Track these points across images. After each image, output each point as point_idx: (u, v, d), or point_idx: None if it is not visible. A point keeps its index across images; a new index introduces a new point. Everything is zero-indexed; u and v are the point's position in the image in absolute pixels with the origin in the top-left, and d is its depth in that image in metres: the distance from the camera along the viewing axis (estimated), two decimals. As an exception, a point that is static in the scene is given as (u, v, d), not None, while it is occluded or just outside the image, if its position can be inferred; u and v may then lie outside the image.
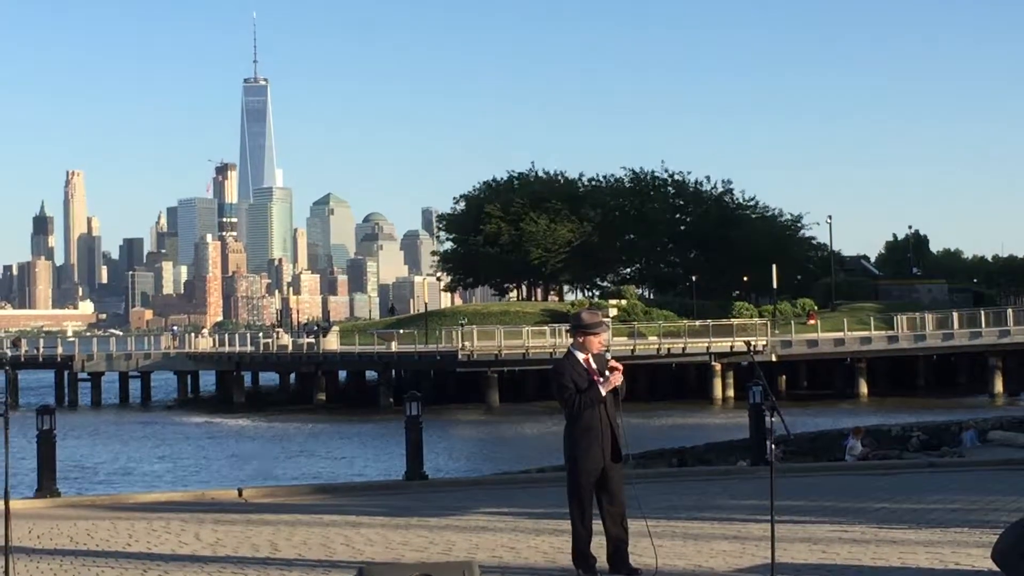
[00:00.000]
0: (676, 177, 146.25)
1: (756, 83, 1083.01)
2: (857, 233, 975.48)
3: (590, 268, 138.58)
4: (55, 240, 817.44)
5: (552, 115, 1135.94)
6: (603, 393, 11.17)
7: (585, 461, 11.20)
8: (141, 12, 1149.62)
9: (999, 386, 75.26)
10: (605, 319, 11.80)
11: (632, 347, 77.39)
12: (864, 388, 77.57)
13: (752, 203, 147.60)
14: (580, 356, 11.39)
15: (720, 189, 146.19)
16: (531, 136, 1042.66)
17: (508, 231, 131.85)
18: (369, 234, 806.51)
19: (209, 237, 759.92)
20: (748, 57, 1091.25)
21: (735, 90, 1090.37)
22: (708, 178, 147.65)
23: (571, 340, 11.72)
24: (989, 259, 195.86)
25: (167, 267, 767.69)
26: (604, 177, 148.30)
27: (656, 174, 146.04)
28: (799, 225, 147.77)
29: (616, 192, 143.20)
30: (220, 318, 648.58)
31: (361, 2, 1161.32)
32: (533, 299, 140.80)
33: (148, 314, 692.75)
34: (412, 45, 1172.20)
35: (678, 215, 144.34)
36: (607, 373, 11.31)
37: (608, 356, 11.53)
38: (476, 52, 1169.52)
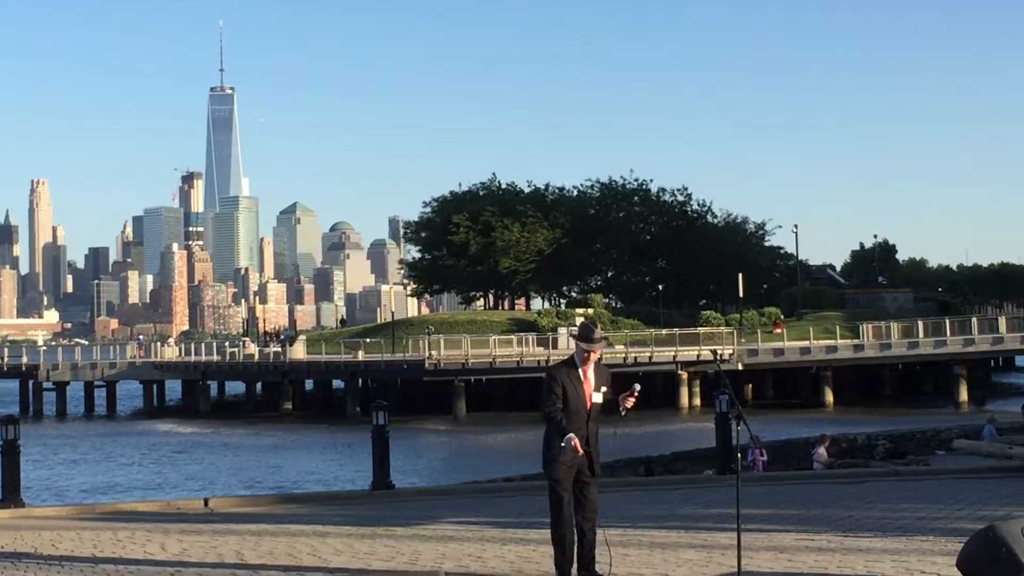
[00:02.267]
0: (643, 186, 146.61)
1: (721, 95, 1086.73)
2: (823, 242, 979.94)
3: (559, 277, 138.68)
4: (20, 249, 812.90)
5: (517, 126, 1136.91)
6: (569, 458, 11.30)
7: (564, 456, 11.22)
8: (106, 20, 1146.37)
9: (964, 395, 75.59)
10: (603, 336, 11.89)
11: (599, 356, 77.41)
12: (830, 397, 77.71)
13: (707, 209, 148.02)
14: (580, 365, 11.48)
15: (680, 198, 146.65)
16: (497, 146, 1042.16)
17: (477, 241, 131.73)
18: (336, 243, 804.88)
19: (175, 246, 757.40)
20: (713, 69, 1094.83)
21: (700, 102, 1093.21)
22: (665, 189, 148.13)
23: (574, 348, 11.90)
24: (954, 268, 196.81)
25: (133, 276, 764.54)
26: (571, 188, 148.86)
27: (623, 184, 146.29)
28: (763, 231, 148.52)
29: (583, 202, 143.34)
30: (186, 327, 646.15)
31: (327, 12, 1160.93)
32: (500, 308, 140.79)
33: (114, 323, 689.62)
34: (378, 54, 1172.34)
35: (642, 224, 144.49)
36: (603, 388, 11.44)
37: (606, 379, 11.67)
38: (441, 62, 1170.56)
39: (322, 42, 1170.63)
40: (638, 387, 11.55)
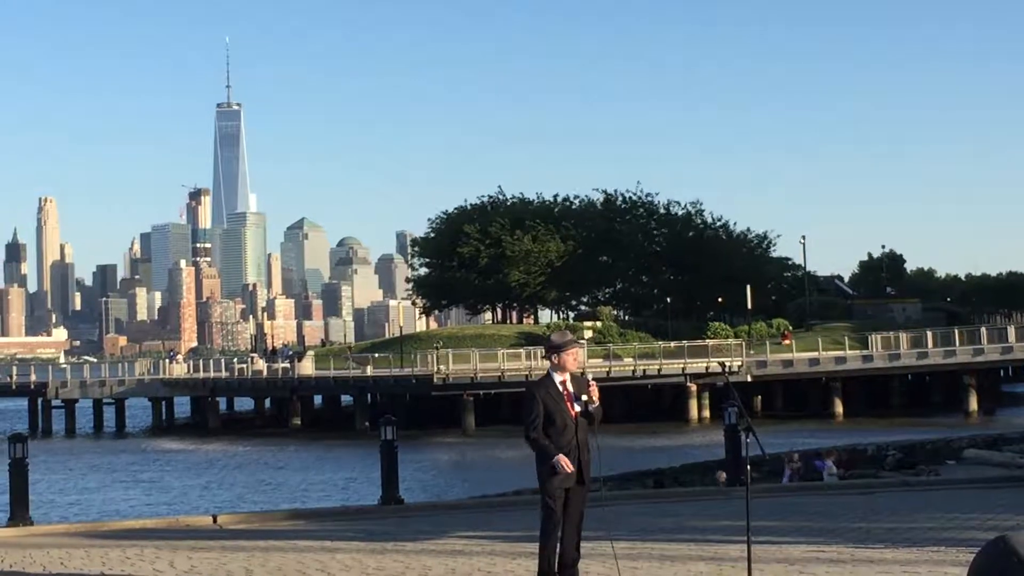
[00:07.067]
0: (647, 199, 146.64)
1: (728, 108, 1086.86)
2: (831, 253, 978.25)
3: (567, 289, 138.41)
4: (28, 267, 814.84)
5: (525, 140, 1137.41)
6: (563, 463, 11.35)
7: (554, 479, 11.29)
8: (113, 37, 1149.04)
9: (973, 404, 75.46)
10: (576, 338, 11.89)
11: (608, 369, 77.39)
12: (839, 407, 77.63)
13: (721, 223, 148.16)
14: (557, 378, 11.52)
15: (690, 211, 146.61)
16: (503, 161, 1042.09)
17: (487, 253, 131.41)
18: (343, 258, 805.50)
19: (183, 263, 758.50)
20: (720, 83, 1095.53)
21: (706, 116, 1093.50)
22: (679, 202, 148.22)
23: (548, 363, 11.83)
24: (962, 278, 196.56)
25: (141, 293, 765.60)
26: (577, 198, 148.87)
27: (629, 196, 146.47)
28: (768, 243, 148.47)
29: (590, 214, 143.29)
30: (195, 344, 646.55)
31: (333, 27, 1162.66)
32: (508, 321, 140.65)
33: (122, 340, 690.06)
34: (385, 69, 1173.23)
35: (650, 237, 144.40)
36: (582, 396, 11.41)
37: (589, 378, 11.67)
38: (448, 77, 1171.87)
39: (329, 57, 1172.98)
40: (590, 376, 11.68)
